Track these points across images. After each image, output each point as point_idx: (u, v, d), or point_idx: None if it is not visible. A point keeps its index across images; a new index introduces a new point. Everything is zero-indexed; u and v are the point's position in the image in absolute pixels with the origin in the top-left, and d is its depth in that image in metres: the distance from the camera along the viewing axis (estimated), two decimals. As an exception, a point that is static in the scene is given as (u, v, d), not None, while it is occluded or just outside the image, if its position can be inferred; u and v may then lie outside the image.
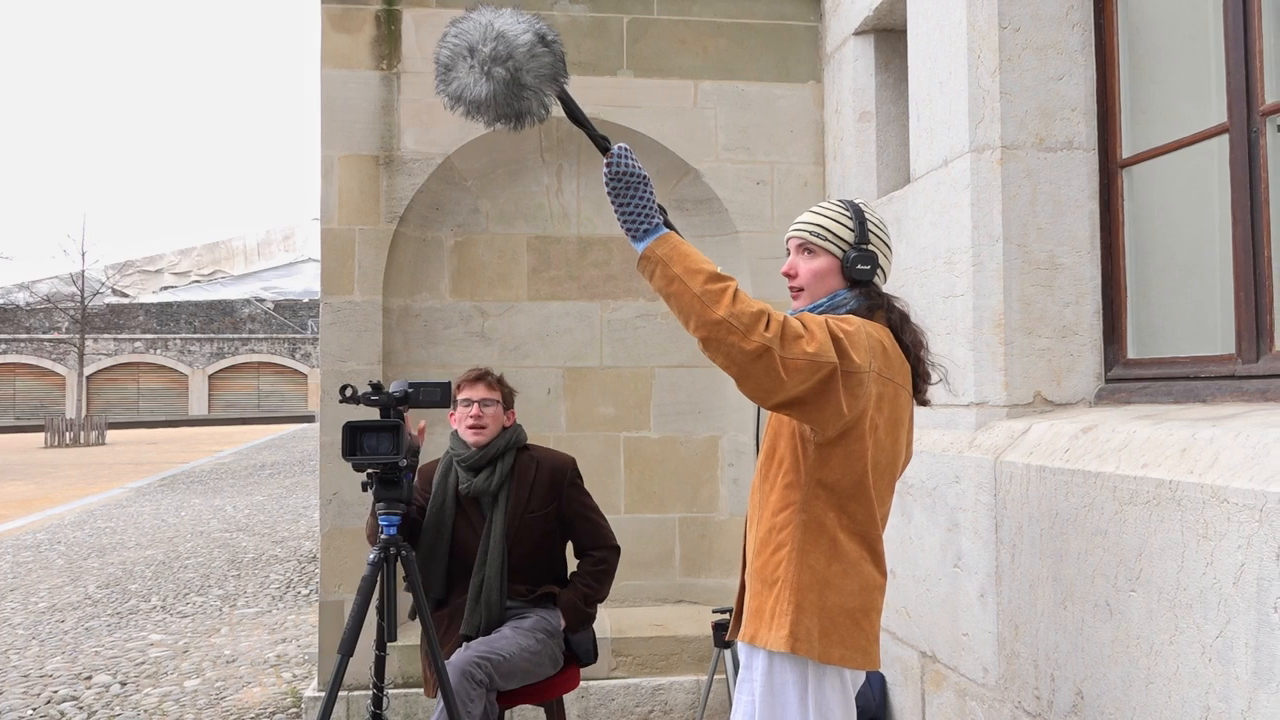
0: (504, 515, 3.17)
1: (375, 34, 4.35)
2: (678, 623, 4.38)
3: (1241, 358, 2.36)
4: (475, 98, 1.85)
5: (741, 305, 1.82)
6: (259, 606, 6.68)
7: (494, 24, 1.85)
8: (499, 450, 3.22)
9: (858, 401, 1.96)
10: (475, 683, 2.87)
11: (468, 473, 3.22)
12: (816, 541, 2.03)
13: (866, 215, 2.18)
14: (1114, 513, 2.25)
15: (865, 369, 1.95)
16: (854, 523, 2.06)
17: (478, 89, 1.84)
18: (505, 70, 1.83)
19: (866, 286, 2.15)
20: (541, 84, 1.87)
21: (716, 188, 4.46)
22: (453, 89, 1.89)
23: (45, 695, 4.76)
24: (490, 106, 1.86)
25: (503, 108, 1.85)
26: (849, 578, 2.04)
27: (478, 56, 1.83)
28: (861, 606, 2.05)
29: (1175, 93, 2.71)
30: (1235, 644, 1.89)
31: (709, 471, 4.66)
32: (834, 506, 2.04)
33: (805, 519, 2.04)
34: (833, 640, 2.02)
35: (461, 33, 1.88)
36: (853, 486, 2.04)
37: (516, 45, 1.84)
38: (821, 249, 2.15)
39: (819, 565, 2.03)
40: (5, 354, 39.00)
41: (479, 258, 4.59)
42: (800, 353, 1.83)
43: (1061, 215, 2.90)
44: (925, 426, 3.26)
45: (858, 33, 4.09)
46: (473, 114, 1.89)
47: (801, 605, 2.01)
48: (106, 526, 10.59)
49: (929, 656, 3.21)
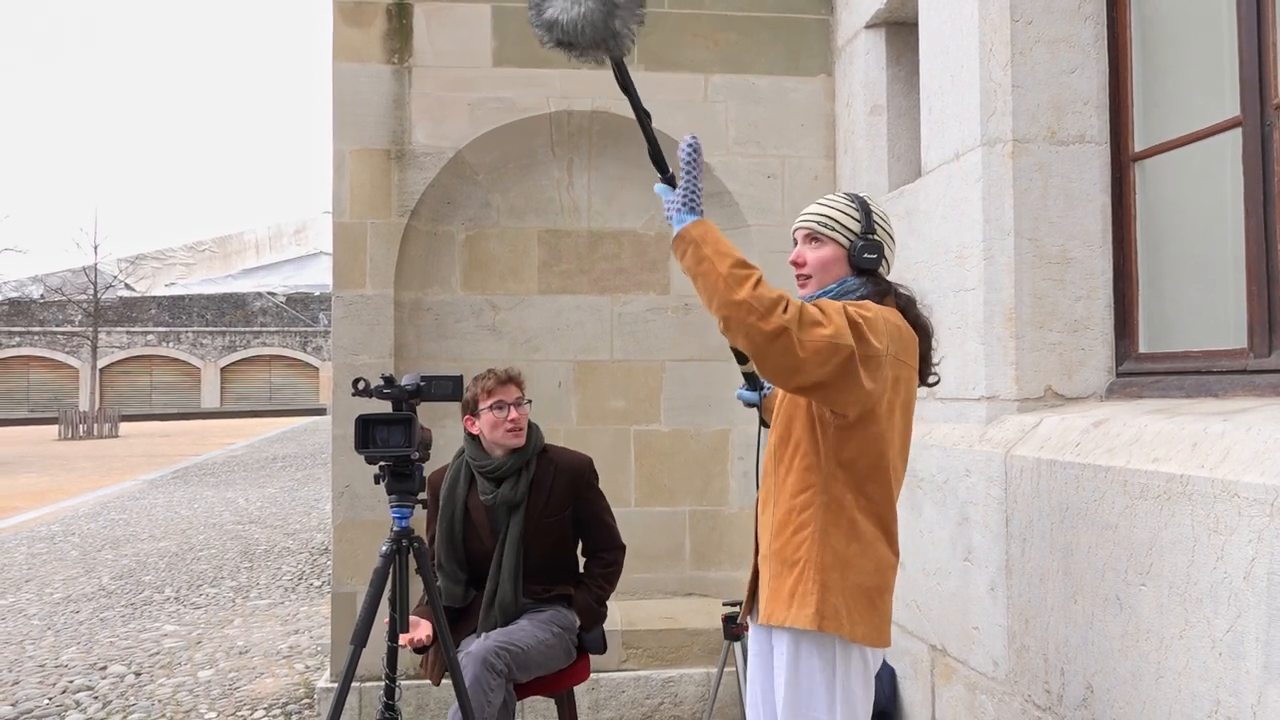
0: (521, 521, 3.13)
1: (387, 28, 4.36)
2: (688, 615, 4.39)
3: (1254, 352, 2.36)
4: (572, 18, 1.91)
5: (763, 290, 1.90)
6: (271, 598, 6.72)
7: None
8: (525, 458, 3.16)
9: (877, 384, 2.00)
10: (495, 672, 2.88)
11: (490, 484, 3.15)
12: (837, 522, 2.07)
13: (871, 207, 2.24)
14: (1124, 507, 2.25)
15: (884, 353, 2.00)
16: (871, 503, 2.10)
17: (574, 8, 1.91)
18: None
19: (873, 275, 2.20)
20: (631, 6, 1.94)
21: (727, 181, 4.46)
22: (547, 16, 1.94)
23: (61, 685, 4.80)
24: (588, 25, 1.91)
25: (599, 26, 1.91)
26: (866, 557, 2.08)
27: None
28: (878, 586, 2.09)
29: (1188, 86, 2.70)
30: (1246, 638, 1.89)
31: (719, 465, 4.67)
32: (852, 488, 2.08)
33: (826, 500, 2.07)
34: (856, 619, 2.05)
35: None
36: (870, 468, 2.08)
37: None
38: (828, 238, 2.21)
39: (839, 545, 2.06)
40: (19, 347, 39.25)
41: (490, 251, 4.60)
42: (817, 336, 1.89)
43: (1073, 209, 2.89)
44: (936, 420, 3.26)
45: (869, 26, 4.08)
46: (567, 38, 1.94)
47: (827, 584, 2.04)
48: (120, 518, 10.66)
49: (939, 650, 3.22)
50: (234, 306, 41.71)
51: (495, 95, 4.39)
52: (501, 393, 3.16)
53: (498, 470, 3.14)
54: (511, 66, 4.41)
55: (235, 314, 41.60)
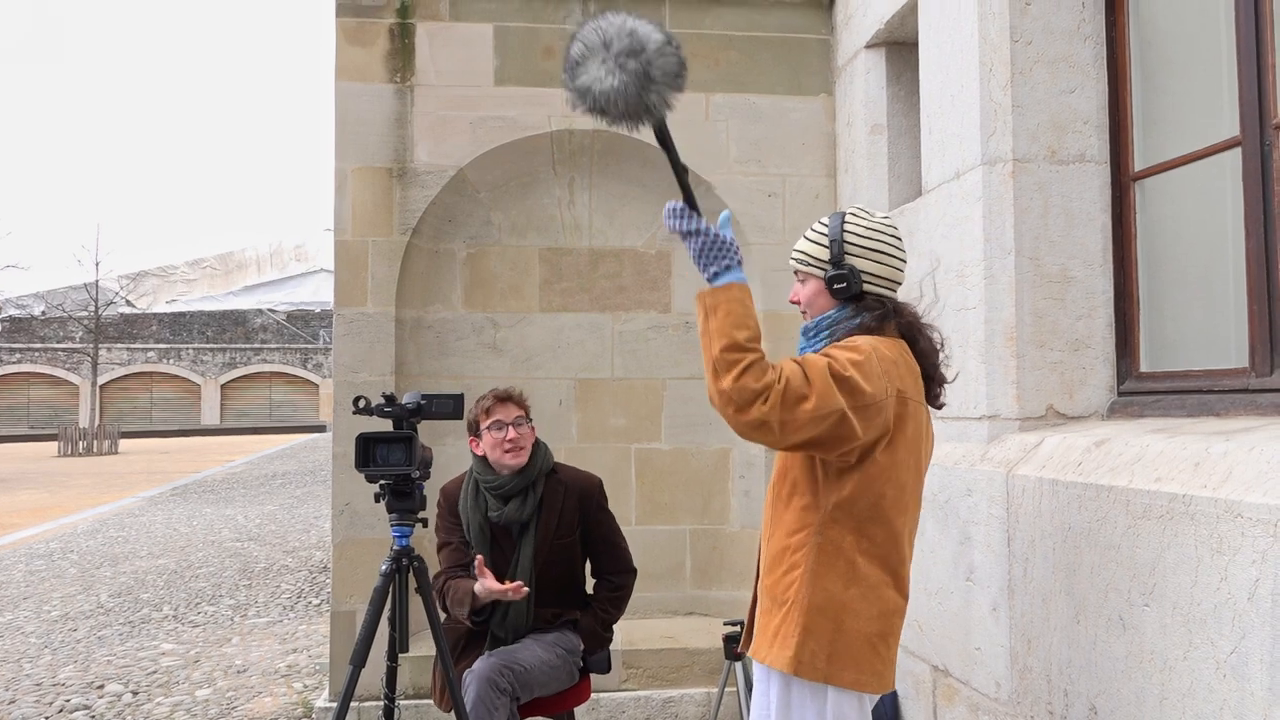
0: (533, 543, 3.11)
1: (389, 47, 4.39)
2: (688, 635, 4.38)
3: (1255, 371, 2.36)
4: (606, 89, 1.89)
5: (748, 380, 1.87)
6: (270, 616, 6.69)
7: (627, 24, 1.92)
8: (531, 478, 3.13)
9: (873, 429, 1.98)
10: (499, 691, 2.86)
11: (498, 501, 3.12)
12: (832, 565, 2.04)
13: (848, 227, 2.16)
14: (1127, 527, 2.24)
15: (881, 397, 1.98)
16: (874, 545, 2.06)
17: (609, 80, 1.89)
18: (638, 63, 1.88)
19: (860, 300, 2.15)
20: (668, 79, 1.92)
21: (729, 200, 4.48)
22: (580, 82, 1.92)
23: (58, 704, 4.77)
24: (620, 97, 1.89)
25: (632, 100, 1.89)
26: (868, 602, 2.04)
27: (612, 50, 1.89)
28: (880, 631, 2.06)
29: (1187, 106, 2.71)
30: (1250, 660, 1.88)
31: (720, 483, 4.66)
32: (852, 529, 2.05)
33: (821, 541, 2.05)
34: (845, 664, 2.02)
35: (598, 29, 1.93)
36: (870, 508, 2.05)
37: (649, 40, 1.90)
38: (808, 274, 2.20)
39: (835, 589, 2.03)
40: (20, 363, 39.26)
41: (491, 269, 4.61)
42: (800, 414, 1.89)
43: (1073, 228, 2.90)
44: (938, 439, 3.25)
45: (869, 46, 4.10)
46: (598, 106, 1.92)
47: (809, 628, 2.02)
48: (119, 535, 10.63)
49: (941, 670, 3.20)
50: (234, 323, 41.74)
51: (497, 114, 4.41)
52: (500, 412, 3.12)
53: (503, 488, 3.11)
54: (513, 85, 4.43)
55: (236, 331, 41.63)
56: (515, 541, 3.13)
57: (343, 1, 4.37)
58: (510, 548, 3.13)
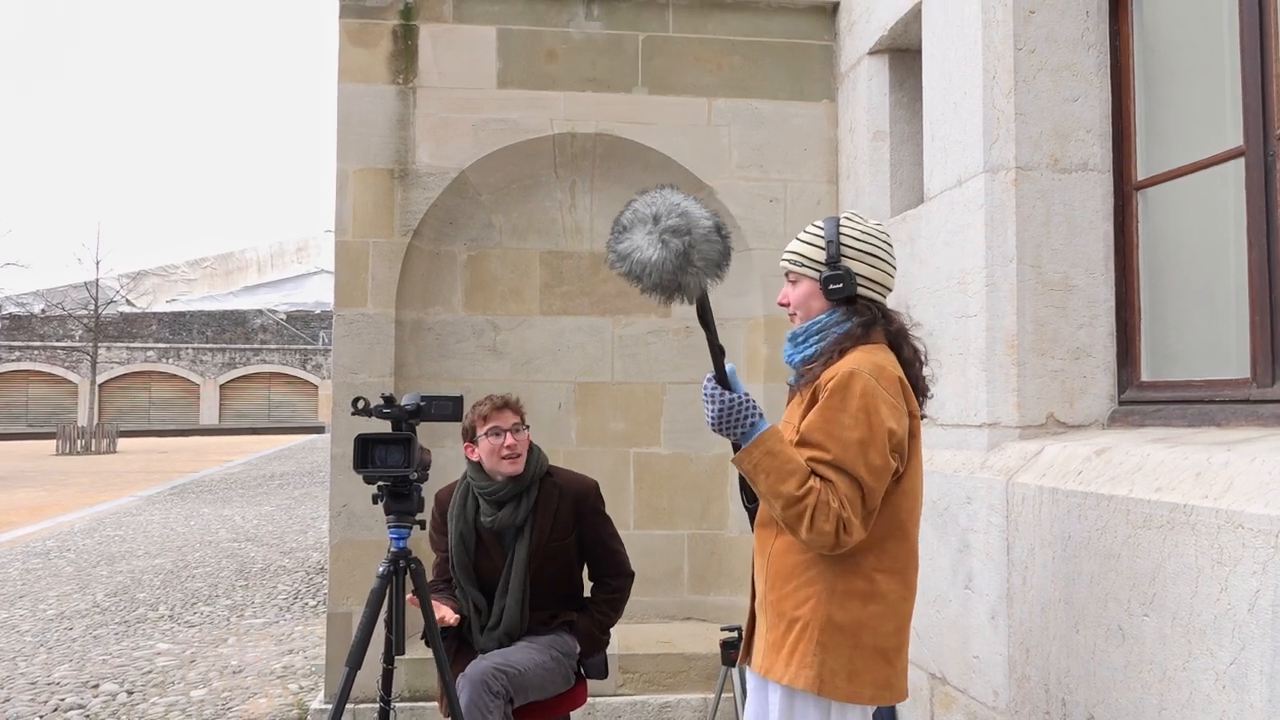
0: (527, 547, 3.10)
1: (392, 49, 4.39)
2: (685, 640, 4.36)
3: (1257, 382, 2.35)
4: (644, 259, 1.93)
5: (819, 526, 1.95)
6: (266, 617, 6.68)
7: (681, 203, 1.96)
8: (526, 482, 3.13)
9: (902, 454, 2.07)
10: (493, 694, 2.85)
11: (492, 506, 3.12)
12: (851, 583, 2.05)
13: (844, 230, 2.18)
14: (1127, 536, 2.23)
15: (904, 429, 2.05)
16: (893, 561, 2.09)
17: (650, 251, 1.93)
18: (681, 243, 1.92)
19: (853, 304, 2.16)
20: (707, 267, 1.96)
21: (730, 205, 4.47)
22: (623, 247, 1.96)
23: (52, 703, 4.76)
24: (656, 271, 1.93)
25: (667, 276, 1.93)
26: (886, 619, 2.07)
27: (660, 224, 1.93)
28: (896, 646, 2.08)
29: (1191, 115, 2.71)
30: (1250, 671, 1.87)
31: (719, 488, 4.65)
32: (872, 547, 2.07)
33: (838, 560, 2.05)
34: (864, 681, 2.03)
35: (651, 202, 1.98)
36: (888, 524, 2.08)
37: (697, 224, 1.94)
38: (801, 275, 2.21)
39: (854, 608, 2.04)
40: (19, 361, 39.23)
41: (492, 272, 4.60)
42: (870, 507, 2.00)
43: (1075, 237, 2.89)
44: (937, 446, 3.25)
45: (872, 52, 4.10)
46: (634, 273, 1.96)
47: (827, 646, 2.02)
48: (116, 535, 10.61)
49: (939, 678, 3.19)
50: (234, 323, 41.73)
51: (499, 116, 4.41)
52: (497, 419, 3.12)
53: (498, 493, 3.11)
54: (516, 88, 4.42)
55: (235, 331, 41.62)
56: (510, 545, 3.12)
57: (346, 3, 4.37)
58: (501, 551, 3.13)
